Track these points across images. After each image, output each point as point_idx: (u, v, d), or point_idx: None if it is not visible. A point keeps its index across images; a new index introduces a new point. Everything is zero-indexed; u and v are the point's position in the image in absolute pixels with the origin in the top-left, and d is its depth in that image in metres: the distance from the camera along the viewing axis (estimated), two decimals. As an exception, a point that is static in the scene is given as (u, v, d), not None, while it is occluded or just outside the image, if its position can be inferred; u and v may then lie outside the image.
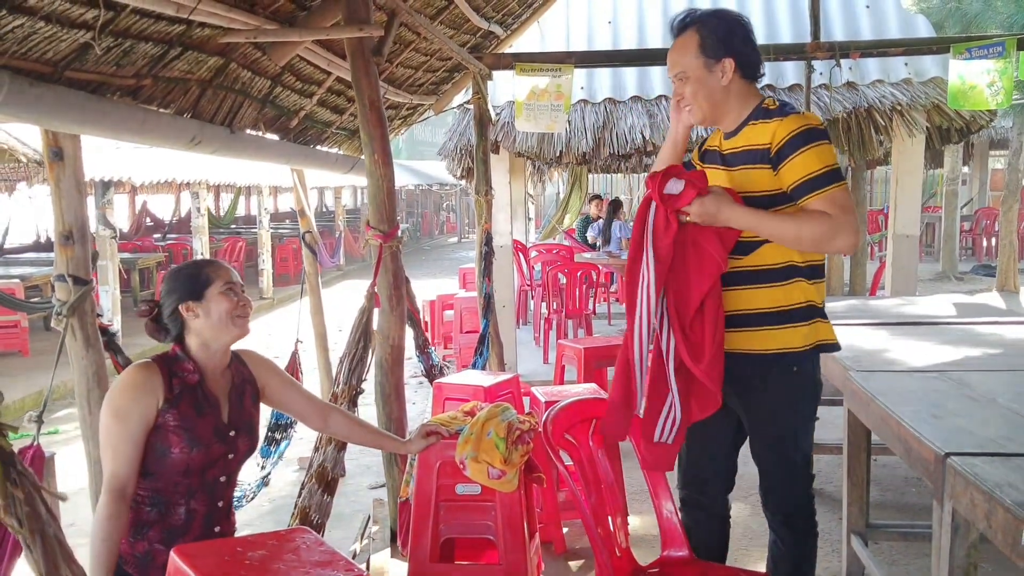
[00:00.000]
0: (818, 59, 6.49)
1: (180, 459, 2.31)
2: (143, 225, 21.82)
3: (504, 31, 7.03)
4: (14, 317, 10.46)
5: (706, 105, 2.67)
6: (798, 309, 2.65)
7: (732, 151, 2.69)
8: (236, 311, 2.42)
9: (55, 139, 3.56)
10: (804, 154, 2.50)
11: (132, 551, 2.30)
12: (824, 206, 2.48)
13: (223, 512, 2.45)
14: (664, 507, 2.83)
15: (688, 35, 2.64)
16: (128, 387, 2.32)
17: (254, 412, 2.57)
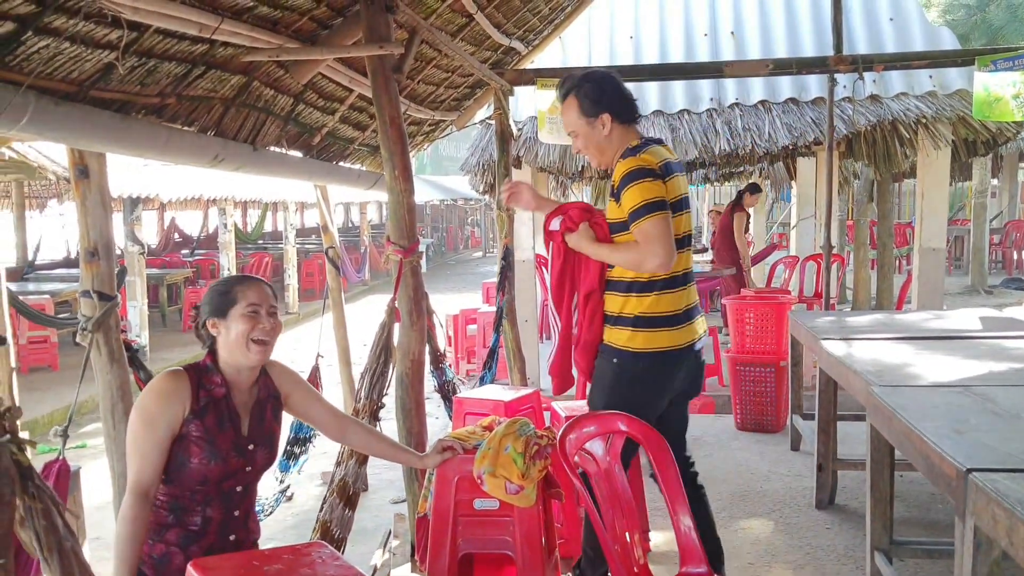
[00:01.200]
0: (841, 72, 6.47)
1: (198, 469, 2.35)
2: (171, 241, 22.05)
3: (525, 47, 7.06)
4: (44, 332, 10.60)
5: (595, 152, 3.27)
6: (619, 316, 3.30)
7: (613, 185, 3.22)
8: (253, 334, 2.42)
9: (81, 157, 3.62)
10: (628, 191, 3.10)
11: (150, 552, 2.35)
12: (637, 236, 3.11)
13: (239, 521, 2.47)
14: (682, 523, 2.81)
15: (569, 100, 3.20)
16: (158, 394, 2.37)
17: (275, 426, 2.59)
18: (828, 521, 4.72)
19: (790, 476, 5.45)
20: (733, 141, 8.08)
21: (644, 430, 2.87)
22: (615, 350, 3.30)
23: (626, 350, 3.27)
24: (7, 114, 2.74)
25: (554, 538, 3.29)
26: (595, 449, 2.86)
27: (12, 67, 2.77)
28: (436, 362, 5.63)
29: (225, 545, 2.43)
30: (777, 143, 8.07)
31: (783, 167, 12.60)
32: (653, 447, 2.83)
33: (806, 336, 4.94)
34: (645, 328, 3.24)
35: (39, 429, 8.17)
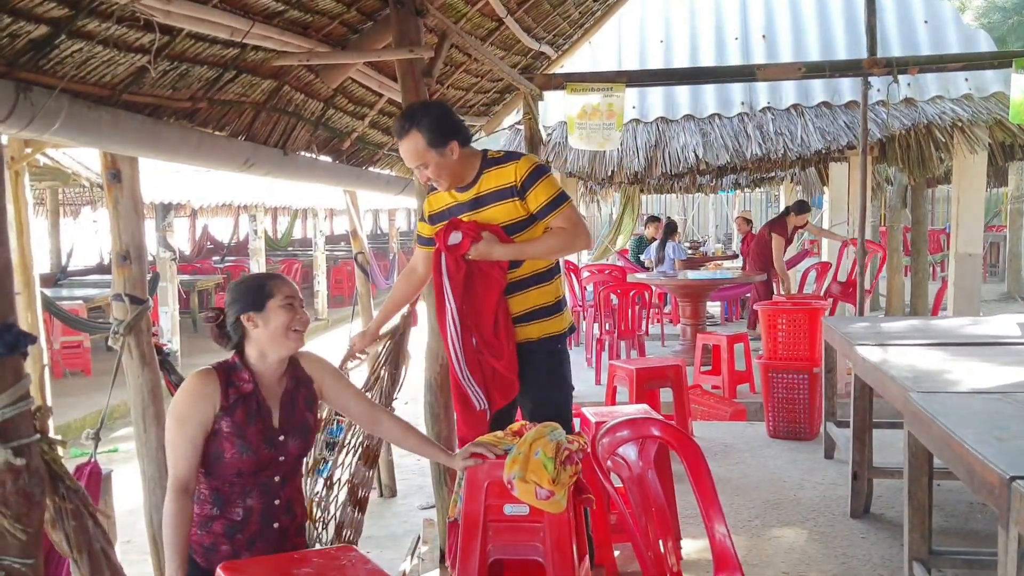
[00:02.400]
0: (875, 75, 6.38)
1: (232, 463, 2.44)
2: (203, 247, 22.26)
3: (555, 51, 7.04)
4: (77, 338, 10.71)
5: (448, 176, 3.36)
6: (558, 302, 3.51)
7: (478, 195, 3.37)
8: (294, 325, 2.52)
9: (113, 161, 3.64)
10: (539, 186, 3.31)
11: (200, 542, 2.46)
12: (562, 222, 3.33)
13: (280, 509, 2.53)
14: (717, 531, 2.76)
15: (413, 136, 3.26)
16: (189, 394, 2.48)
17: (308, 415, 2.64)
18: (863, 530, 4.64)
19: (824, 484, 5.36)
20: (765, 145, 8.01)
21: (678, 436, 2.83)
22: (559, 336, 3.53)
23: (564, 332, 3.56)
24: (40, 118, 2.75)
25: (585, 545, 3.24)
26: (628, 454, 2.81)
27: (46, 71, 2.79)
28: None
29: (268, 533, 2.50)
30: (810, 148, 7.99)
31: (815, 172, 12.48)
32: (687, 453, 2.79)
33: (840, 342, 4.86)
34: (565, 307, 3.61)
35: (72, 433, 8.25)
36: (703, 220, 28.33)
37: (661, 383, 5.85)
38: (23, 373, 1.49)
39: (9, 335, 1.44)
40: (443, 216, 3.50)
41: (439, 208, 3.53)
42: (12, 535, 1.46)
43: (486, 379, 3.39)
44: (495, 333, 3.35)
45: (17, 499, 1.46)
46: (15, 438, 1.46)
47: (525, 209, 3.35)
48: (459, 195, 3.43)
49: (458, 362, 3.38)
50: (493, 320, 3.35)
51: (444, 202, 3.51)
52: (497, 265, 3.37)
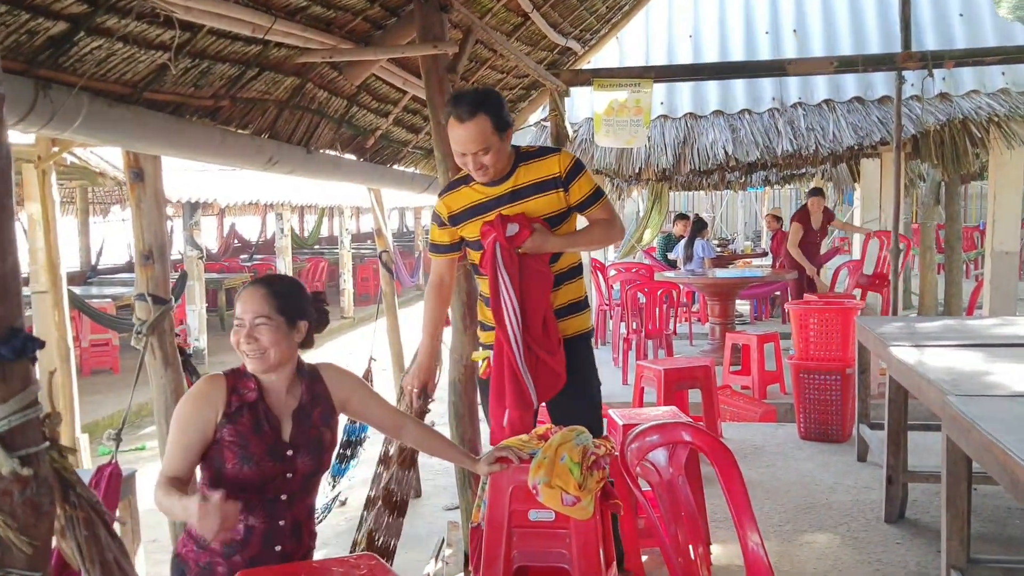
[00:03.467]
0: (909, 69, 6.24)
1: (232, 474, 2.31)
2: (231, 246, 22.39)
3: (582, 47, 6.96)
4: (105, 336, 10.78)
5: (500, 165, 3.29)
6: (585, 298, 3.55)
7: (515, 188, 3.32)
8: (240, 346, 2.38)
9: (136, 160, 3.61)
10: (581, 179, 3.34)
11: (196, 560, 2.33)
12: (603, 213, 3.40)
13: (285, 532, 2.39)
14: (750, 538, 2.68)
15: (481, 119, 3.17)
16: (193, 397, 2.38)
17: (323, 431, 2.50)
18: (898, 536, 4.52)
19: (857, 488, 5.25)
20: (796, 141, 7.89)
21: (710, 441, 2.75)
22: (590, 332, 3.58)
23: (592, 328, 3.61)
24: (60, 116, 2.73)
25: (612, 551, 3.17)
26: (658, 460, 2.74)
27: (65, 68, 2.76)
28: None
29: (270, 556, 2.36)
30: (842, 143, 7.85)
31: (847, 169, 12.29)
32: (719, 458, 2.71)
33: (874, 342, 4.75)
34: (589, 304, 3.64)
35: (99, 431, 8.29)
36: (732, 217, 28.09)
37: (690, 384, 5.76)
38: (32, 379, 1.44)
39: (16, 340, 1.39)
40: (468, 214, 3.40)
41: (462, 206, 3.43)
42: (18, 548, 1.41)
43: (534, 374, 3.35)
44: (544, 328, 3.33)
45: (24, 510, 1.42)
46: (23, 447, 1.41)
47: (566, 201, 3.35)
48: (489, 189, 3.35)
49: (518, 357, 3.30)
50: (543, 315, 3.33)
51: (469, 199, 3.41)
52: (544, 259, 3.35)
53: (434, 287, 3.61)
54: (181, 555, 2.38)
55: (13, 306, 1.41)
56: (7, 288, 1.40)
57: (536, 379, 3.33)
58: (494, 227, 3.28)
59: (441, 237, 3.51)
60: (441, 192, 3.51)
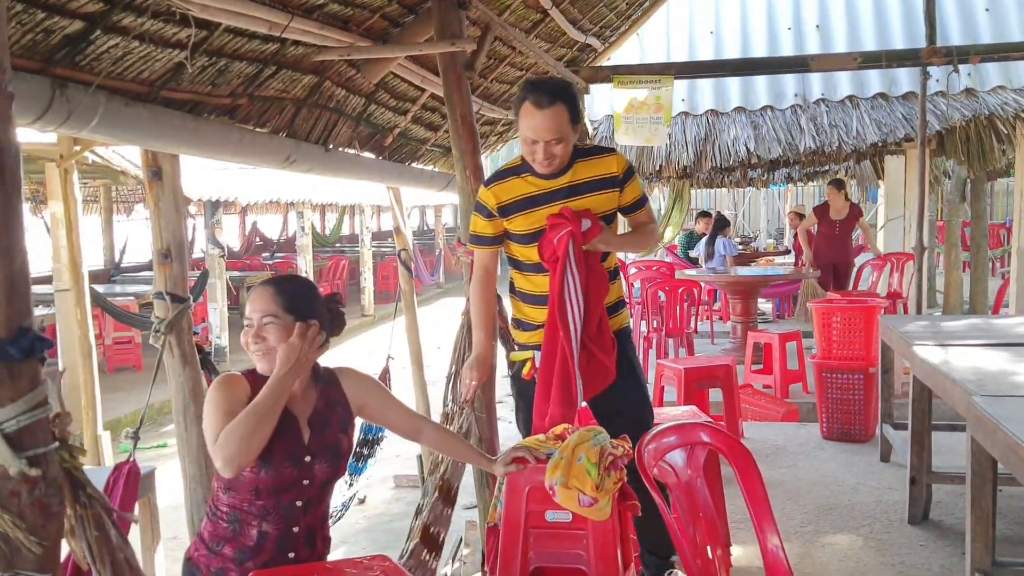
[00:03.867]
0: (934, 65, 6.16)
1: (249, 478, 2.27)
2: (253, 244, 22.51)
3: (602, 44, 6.92)
4: (128, 333, 10.86)
5: (566, 157, 3.21)
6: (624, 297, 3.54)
7: (573, 183, 3.25)
8: (248, 345, 2.36)
9: (154, 159, 3.62)
10: (634, 181, 3.34)
11: (208, 565, 2.30)
12: (646, 217, 3.45)
13: (298, 538, 2.35)
14: (769, 540, 2.64)
15: (559, 109, 3.09)
16: (223, 385, 2.34)
17: (341, 437, 2.47)
18: (922, 538, 4.46)
19: (880, 489, 5.18)
20: (819, 138, 7.81)
21: (729, 442, 2.71)
22: (631, 328, 3.59)
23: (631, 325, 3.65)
24: (77, 115, 2.73)
25: (630, 553, 3.14)
26: (675, 461, 2.71)
27: (82, 67, 2.76)
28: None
29: (283, 563, 2.32)
30: (865, 140, 7.77)
31: (870, 165, 12.17)
32: (738, 460, 2.67)
33: (898, 341, 4.69)
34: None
35: (122, 428, 8.35)
36: (754, 215, 27.93)
37: (710, 383, 5.71)
38: (40, 379, 1.43)
39: (24, 340, 1.38)
40: (520, 206, 3.29)
41: (513, 197, 3.30)
42: (28, 548, 1.40)
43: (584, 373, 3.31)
44: (599, 327, 3.30)
45: (33, 510, 1.41)
46: (31, 447, 1.40)
47: (619, 201, 3.33)
48: (544, 182, 3.25)
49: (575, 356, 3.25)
50: (600, 314, 3.30)
51: (522, 190, 3.30)
52: (599, 256, 3.34)
53: (480, 281, 3.49)
54: (193, 559, 2.34)
55: (22, 306, 1.41)
56: (15, 288, 1.39)
57: (586, 377, 3.28)
58: (568, 220, 3.20)
59: (485, 229, 3.37)
60: (488, 182, 3.39)
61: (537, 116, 3.09)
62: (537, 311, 3.36)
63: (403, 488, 7.29)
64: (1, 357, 1.37)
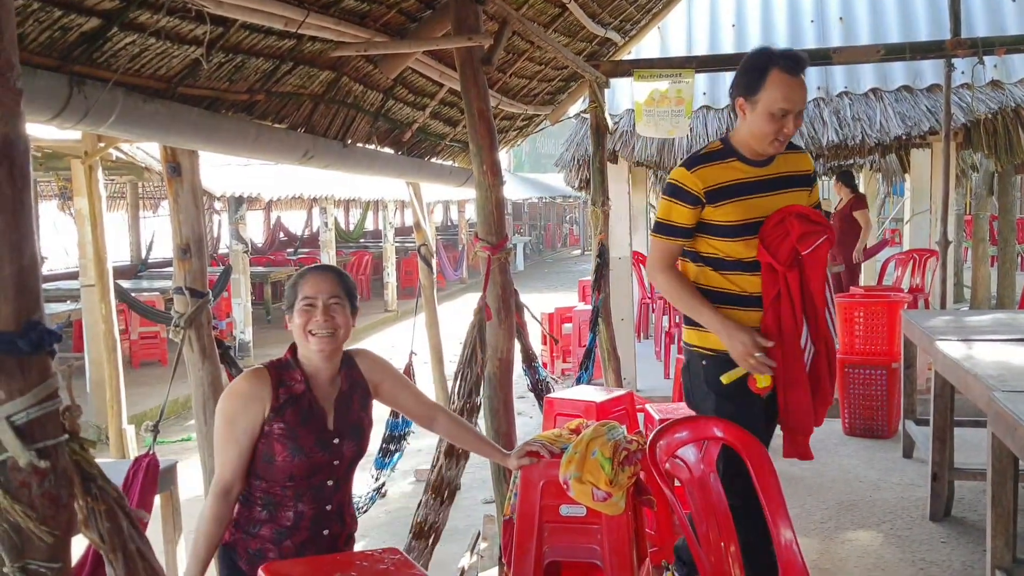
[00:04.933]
0: (959, 57, 6.08)
1: (284, 466, 2.35)
2: (277, 240, 22.64)
3: (622, 37, 6.89)
4: (154, 328, 10.95)
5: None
6: None
7: (771, 176, 3.03)
8: (309, 327, 2.39)
9: (173, 155, 3.65)
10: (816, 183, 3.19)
11: (246, 547, 2.38)
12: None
13: (332, 515, 2.45)
14: (783, 535, 2.63)
15: (803, 80, 2.92)
16: (238, 394, 2.38)
17: (363, 416, 2.54)
18: (943, 534, 4.42)
19: (902, 485, 5.14)
20: (842, 132, 7.73)
21: (742, 436, 2.70)
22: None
23: None
24: (95, 111, 2.75)
25: (645, 547, 3.14)
26: (688, 456, 2.70)
27: (99, 64, 2.78)
28: (528, 360, 5.53)
29: (319, 540, 2.42)
30: (889, 133, 7.68)
31: (896, 159, 12.02)
32: (751, 454, 2.66)
33: (920, 337, 4.65)
34: None
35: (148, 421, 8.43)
36: (778, 209, 27.69)
37: (730, 378, 5.67)
38: (50, 372, 1.45)
39: (33, 333, 1.40)
40: (731, 193, 3.00)
41: (722, 183, 3.01)
42: (39, 538, 1.42)
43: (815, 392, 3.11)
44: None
45: (43, 502, 1.43)
46: (41, 439, 1.42)
47: (807, 202, 3.11)
48: (753, 169, 3.02)
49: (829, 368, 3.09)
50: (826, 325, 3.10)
51: (731, 175, 3.01)
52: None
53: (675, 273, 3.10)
54: (229, 544, 2.43)
55: (31, 299, 1.43)
56: (25, 282, 1.41)
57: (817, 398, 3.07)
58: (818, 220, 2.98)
59: (684, 217, 3.01)
60: (689, 164, 3.05)
61: (792, 84, 2.85)
62: (741, 314, 3.00)
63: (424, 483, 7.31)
64: (10, 350, 1.39)
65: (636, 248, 9.87)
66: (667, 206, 3.03)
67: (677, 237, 3.04)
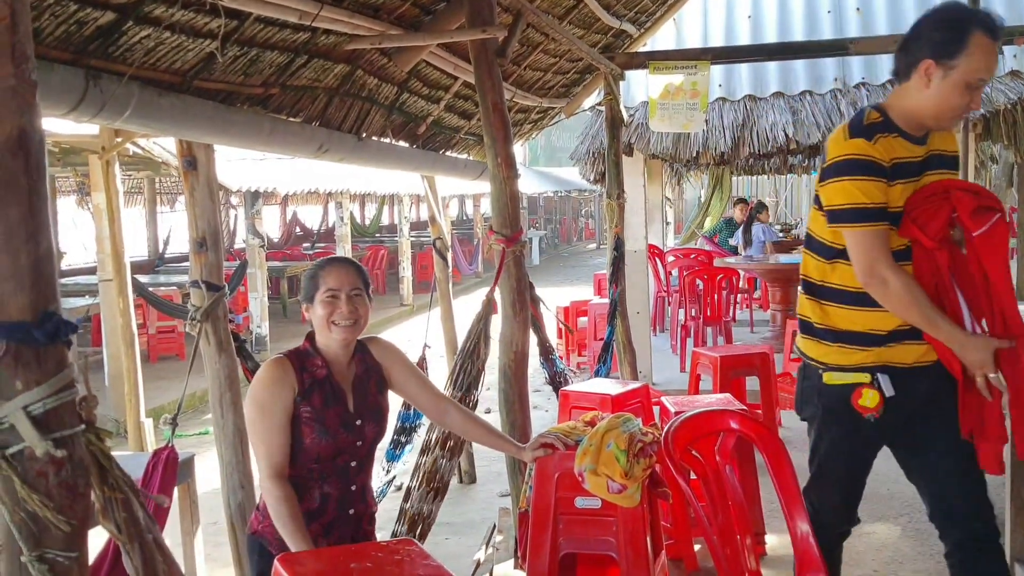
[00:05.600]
0: (977, 46, 6.01)
1: (312, 448, 2.43)
2: (293, 234, 22.72)
3: (637, 29, 6.86)
4: (171, 323, 11.02)
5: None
6: None
7: (926, 155, 2.61)
8: (332, 318, 2.46)
9: (189, 149, 3.66)
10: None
11: (275, 533, 2.43)
12: None
13: (356, 495, 2.53)
14: (799, 528, 2.62)
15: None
16: (268, 382, 2.46)
17: (380, 399, 2.62)
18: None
19: (920, 478, 5.10)
20: (859, 123, 7.67)
21: (756, 428, 2.69)
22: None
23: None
24: (111, 105, 2.77)
25: (661, 540, 3.13)
26: (703, 448, 2.69)
27: (115, 58, 2.80)
28: (545, 353, 5.52)
29: (345, 520, 2.50)
30: (906, 124, 7.61)
31: (914, 151, 11.94)
32: (766, 445, 2.65)
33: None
34: None
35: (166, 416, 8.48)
36: (796, 202, 27.56)
37: (747, 371, 5.66)
38: (66, 363, 1.46)
39: (49, 324, 1.41)
40: (903, 171, 2.58)
41: (896, 159, 2.57)
42: (56, 527, 1.43)
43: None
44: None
45: (60, 491, 1.44)
46: (57, 429, 1.44)
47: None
48: (914, 147, 2.59)
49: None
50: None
51: (898, 152, 2.58)
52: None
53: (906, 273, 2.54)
54: (258, 532, 2.50)
55: (47, 290, 1.44)
56: (41, 273, 1.42)
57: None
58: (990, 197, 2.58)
59: (880, 195, 2.51)
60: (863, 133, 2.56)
61: (993, 50, 2.42)
62: (883, 317, 2.56)
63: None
64: (27, 340, 1.40)
65: (652, 241, 9.85)
66: (855, 186, 2.49)
67: (881, 221, 2.50)
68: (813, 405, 2.74)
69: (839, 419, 2.65)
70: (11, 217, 1.39)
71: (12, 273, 1.39)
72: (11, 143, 1.39)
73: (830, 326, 2.64)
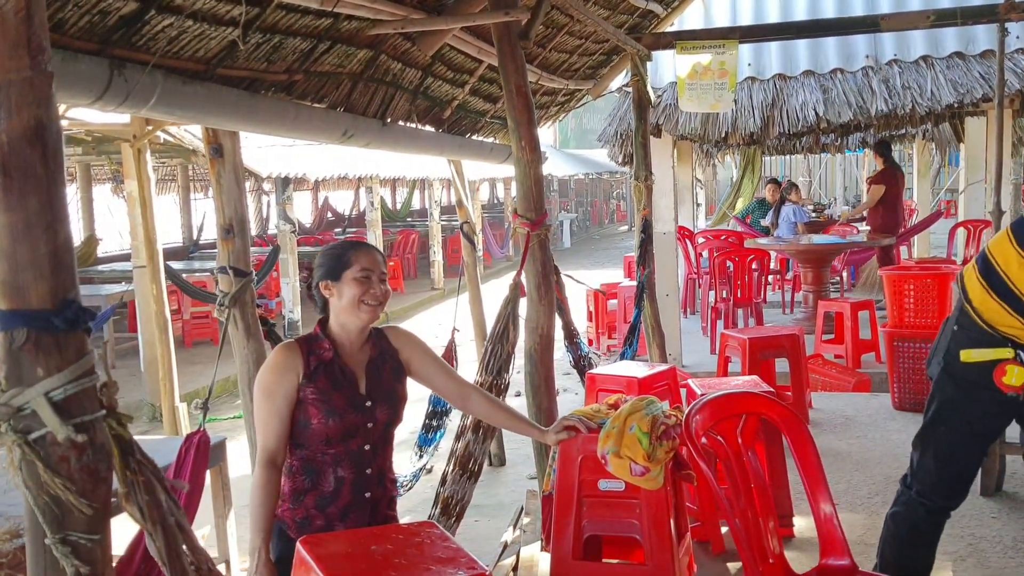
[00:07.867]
0: (1013, 21, 5.89)
1: (319, 429, 2.45)
2: (324, 220, 22.84)
3: (664, 9, 6.80)
4: (206, 308, 11.15)
5: None
6: None
7: None
8: (365, 298, 2.48)
9: (215, 136, 3.69)
10: None
11: (292, 517, 2.48)
12: None
13: (372, 479, 2.52)
14: (822, 511, 2.60)
15: None
16: (273, 367, 2.50)
17: (395, 384, 2.62)
18: (994, 510, 4.33)
19: (953, 460, 5.04)
20: (891, 101, 7.56)
21: (779, 410, 2.67)
22: None
23: None
24: (136, 94, 2.80)
25: (685, 522, 3.13)
26: (725, 430, 2.68)
27: (138, 47, 2.83)
28: (570, 337, 5.52)
29: (362, 504, 2.51)
30: (940, 102, 7.49)
31: (949, 128, 11.73)
32: (789, 428, 2.63)
33: (971, 309, 4.54)
34: None
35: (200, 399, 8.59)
36: (830, 182, 27.23)
37: (776, 353, 5.61)
38: (86, 349, 1.49)
39: (69, 311, 1.44)
40: None
41: None
42: (79, 510, 1.46)
43: None
44: None
45: (82, 475, 1.47)
46: (78, 414, 1.46)
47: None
48: None
49: None
50: None
51: None
52: None
53: None
54: (277, 516, 2.50)
55: (66, 278, 1.46)
56: (60, 261, 1.45)
57: None
58: None
59: None
60: None
61: None
62: None
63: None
64: (47, 328, 1.43)
65: (682, 223, 9.78)
66: None
67: None
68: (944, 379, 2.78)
69: (975, 396, 2.68)
70: (30, 207, 1.42)
71: (31, 262, 1.42)
72: (28, 134, 1.41)
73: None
